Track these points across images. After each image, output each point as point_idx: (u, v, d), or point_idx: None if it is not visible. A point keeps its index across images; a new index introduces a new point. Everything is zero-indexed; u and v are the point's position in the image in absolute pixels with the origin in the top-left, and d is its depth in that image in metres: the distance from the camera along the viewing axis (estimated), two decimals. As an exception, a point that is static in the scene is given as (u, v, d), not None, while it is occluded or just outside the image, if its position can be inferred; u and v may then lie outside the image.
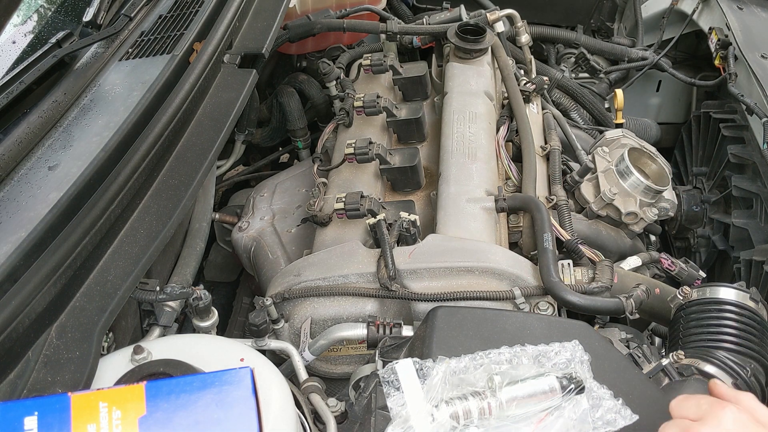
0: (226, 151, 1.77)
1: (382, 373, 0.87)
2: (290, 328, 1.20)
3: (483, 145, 1.45)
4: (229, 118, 1.21)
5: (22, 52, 1.28)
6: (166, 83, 1.16)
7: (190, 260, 1.24)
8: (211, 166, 1.15)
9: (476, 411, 0.83)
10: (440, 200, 1.35)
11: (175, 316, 1.10)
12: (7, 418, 0.69)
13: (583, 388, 0.85)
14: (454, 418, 0.82)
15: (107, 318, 0.89)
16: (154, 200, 1.05)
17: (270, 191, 1.59)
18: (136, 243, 0.99)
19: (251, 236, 1.46)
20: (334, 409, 0.98)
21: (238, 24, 1.41)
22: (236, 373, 0.74)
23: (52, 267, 0.85)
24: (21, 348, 0.82)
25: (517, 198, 1.36)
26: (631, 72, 2.25)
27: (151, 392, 0.72)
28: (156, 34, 1.34)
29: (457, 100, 1.53)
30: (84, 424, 0.69)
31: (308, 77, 1.84)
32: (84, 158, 1.02)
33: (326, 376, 1.26)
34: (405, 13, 2.20)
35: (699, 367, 1.04)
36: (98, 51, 1.33)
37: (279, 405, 0.82)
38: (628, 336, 1.23)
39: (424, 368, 0.87)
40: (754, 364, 1.07)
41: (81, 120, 1.15)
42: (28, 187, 1.00)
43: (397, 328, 1.11)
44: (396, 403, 0.84)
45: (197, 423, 0.70)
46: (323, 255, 1.26)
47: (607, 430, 0.83)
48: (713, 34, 1.91)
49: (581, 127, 1.94)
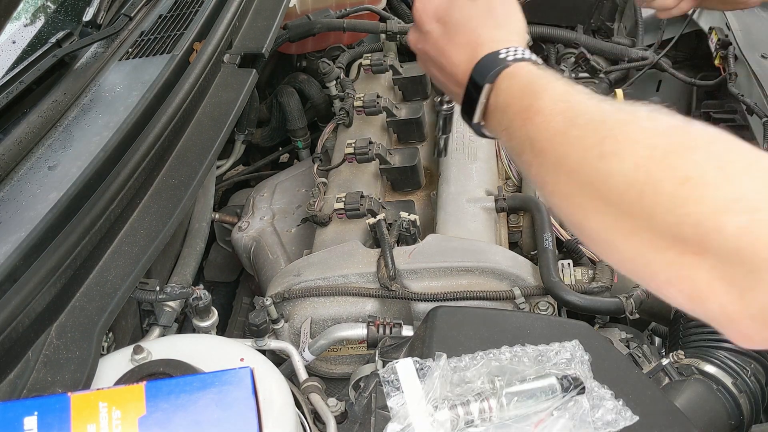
0: (226, 151, 1.77)
1: (382, 373, 0.87)
2: (290, 328, 1.20)
3: (483, 144, 1.45)
4: (229, 118, 1.21)
5: (22, 51, 1.28)
6: (166, 83, 1.16)
7: (189, 260, 1.24)
8: (211, 165, 1.15)
9: (476, 411, 0.83)
10: (440, 200, 1.35)
11: (175, 316, 1.10)
12: (6, 418, 0.69)
13: (583, 389, 0.85)
14: (454, 417, 0.82)
15: (107, 318, 0.89)
16: (153, 200, 1.05)
17: (270, 191, 1.59)
18: (135, 243, 0.99)
19: (251, 236, 1.46)
20: (334, 409, 0.98)
21: (238, 24, 1.41)
22: (236, 373, 0.74)
23: (51, 267, 0.85)
24: (21, 348, 0.82)
25: (517, 198, 1.36)
26: (631, 72, 2.25)
27: (151, 392, 0.72)
28: (156, 33, 1.34)
29: (457, 100, 1.53)
30: (84, 424, 0.69)
31: (308, 77, 1.84)
32: (84, 158, 1.02)
33: (326, 376, 1.26)
34: (405, 12, 2.20)
35: (699, 367, 1.04)
36: (98, 51, 1.33)
37: (279, 405, 0.82)
38: (628, 336, 1.23)
39: (424, 368, 0.87)
40: (754, 364, 1.07)
41: (81, 120, 1.15)
42: (28, 187, 1.00)
43: (397, 328, 1.11)
44: (396, 403, 0.84)
45: (197, 423, 0.70)
46: (323, 255, 1.26)
47: (607, 430, 0.83)
48: (713, 34, 1.91)
49: (581, 126, 1.93)
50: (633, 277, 0.64)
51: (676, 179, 0.56)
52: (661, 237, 0.57)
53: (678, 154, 0.57)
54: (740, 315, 0.55)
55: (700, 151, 0.57)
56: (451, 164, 1.39)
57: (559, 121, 0.66)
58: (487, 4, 0.80)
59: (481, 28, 0.78)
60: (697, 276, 0.56)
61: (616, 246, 0.62)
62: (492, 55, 0.74)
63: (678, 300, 0.60)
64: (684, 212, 0.55)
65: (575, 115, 0.65)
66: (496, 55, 0.74)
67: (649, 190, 0.57)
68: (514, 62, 0.73)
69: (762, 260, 0.52)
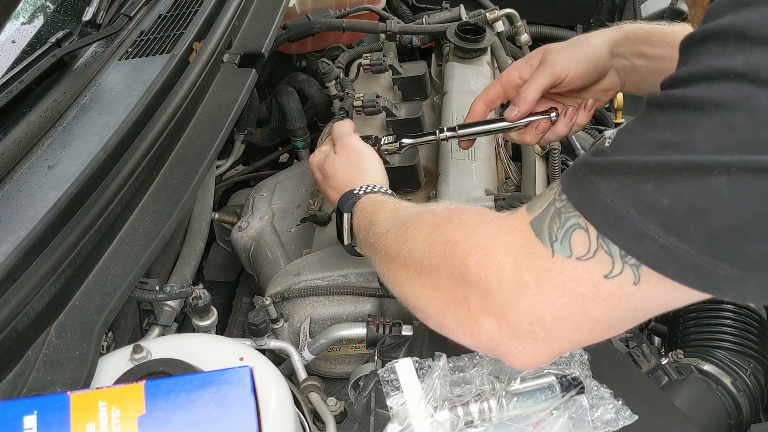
0: (226, 151, 1.77)
1: (381, 373, 0.88)
2: (290, 328, 1.20)
3: (482, 144, 1.45)
4: (229, 118, 1.21)
5: (22, 51, 1.28)
6: (166, 83, 1.16)
7: (189, 260, 1.24)
8: (210, 165, 1.15)
9: (476, 411, 0.83)
10: (439, 200, 1.35)
11: (175, 315, 1.10)
12: (6, 417, 0.69)
13: (582, 388, 0.85)
14: (454, 418, 0.82)
15: (107, 317, 0.89)
16: (153, 199, 1.05)
17: (269, 191, 1.59)
18: (135, 242, 0.99)
19: (251, 236, 1.46)
20: (333, 409, 0.98)
21: (237, 23, 1.41)
22: (235, 372, 0.74)
23: (51, 266, 0.85)
24: (20, 347, 0.82)
25: (517, 197, 1.35)
26: (631, 72, 2.25)
27: (151, 391, 0.72)
28: (155, 33, 1.34)
29: (457, 100, 1.53)
30: (83, 423, 0.69)
31: (308, 77, 1.84)
32: (83, 157, 1.02)
33: (325, 375, 1.26)
34: (404, 12, 2.20)
35: (698, 366, 1.04)
36: (98, 50, 1.33)
37: (278, 404, 0.82)
38: (627, 335, 1.23)
39: (423, 368, 0.87)
40: (754, 364, 1.07)
41: (80, 119, 1.15)
42: (27, 186, 1.00)
43: (397, 327, 1.11)
44: (395, 403, 0.84)
45: (196, 422, 0.70)
46: (323, 254, 1.26)
47: (606, 430, 0.83)
48: (713, 34, 1.90)
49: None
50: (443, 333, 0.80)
51: (443, 242, 0.76)
52: (444, 292, 0.75)
53: (443, 225, 0.79)
54: (503, 337, 0.69)
55: (455, 220, 0.78)
56: (450, 164, 1.39)
57: (384, 226, 0.90)
58: (346, 157, 1.12)
59: (343, 174, 1.10)
60: (470, 317, 0.72)
61: (426, 309, 0.80)
62: (349, 192, 1.03)
63: (467, 341, 0.76)
64: (453, 263, 0.74)
65: (394, 220, 0.89)
66: (351, 192, 1.03)
67: (432, 254, 0.77)
68: (365, 194, 1.02)
69: (493, 282, 0.68)
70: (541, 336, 0.68)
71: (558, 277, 0.65)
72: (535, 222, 0.67)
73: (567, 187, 0.65)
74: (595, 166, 0.61)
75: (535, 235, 0.67)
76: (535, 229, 0.67)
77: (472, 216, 0.77)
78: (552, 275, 0.65)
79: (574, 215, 0.63)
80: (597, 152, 0.63)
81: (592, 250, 0.62)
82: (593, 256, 0.62)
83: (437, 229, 0.79)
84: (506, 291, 0.68)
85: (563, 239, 0.64)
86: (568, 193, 0.65)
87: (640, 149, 0.58)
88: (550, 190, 0.69)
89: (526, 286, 0.67)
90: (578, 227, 0.63)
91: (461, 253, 0.72)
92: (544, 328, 0.68)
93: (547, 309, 0.66)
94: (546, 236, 0.66)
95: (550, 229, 0.65)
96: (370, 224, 0.94)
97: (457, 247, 0.74)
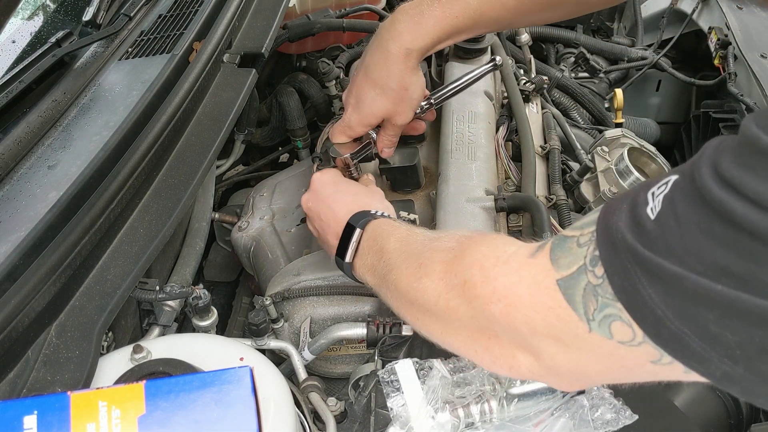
0: (226, 151, 1.76)
1: (381, 374, 0.87)
2: (290, 328, 1.20)
3: (482, 144, 1.44)
4: (229, 118, 1.21)
5: (22, 51, 1.28)
6: (166, 82, 1.16)
7: (189, 260, 1.24)
8: (210, 165, 1.15)
9: (477, 412, 0.83)
10: (440, 200, 1.35)
11: (175, 315, 1.10)
12: (6, 417, 0.69)
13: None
14: (455, 419, 0.82)
15: (107, 317, 0.89)
16: (153, 199, 1.05)
17: (270, 191, 1.59)
18: (135, 242, 0.99)
19: (251, 236, 1.46)
20: (333, 409, 0.98)
21: (237, 23, 1.41)
22: (235, 372, 0.74)
23: (51, 266, 0.85)
24: (20, 347, 0.82)
25: (517, 197, 1.36)
26: (631, 72, 2.25)
27: (151, 391, 0.72)
28: (155, 33, 1.34)
29: (457, 100, 1.53)
30: (83, 423, 0.69)
31: (308, 77, 1.84)
32: (83, 157, 1.02)
33: (326, 375, 1.26)
34: (404, 12, 2.19)
35: (699, 367, 1.04)
36: (98, 50, 1.33)
37: (278, 404, 0.82)
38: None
39: (424, 369, 0.87)
40: (754, 364, 1.07)
41: (80, 119, 1.15)
42: (27, 186, 1.00)
43: (397, 327, 1.11)
44: (396, 404, 0.84)
45: (196, 422, 0.70)
46: (323, 254, 1.26)
47: (606, 430, 0.83)
48: (713, 34, 1.91)
49: (581, 126, 1.93)
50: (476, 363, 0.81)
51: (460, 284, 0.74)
52: (470, 330, 0.74)
53: (456, 263, 0.76)
54: (543, 371, 0.69)
55: (467, 258, 0.75)
56: (450, 164, 1.39)
57: (395, 257, 0.88)
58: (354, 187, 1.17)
59: (361, 196, 1.11)
60: (505, 353, 0.72)
61: (452, 344, 0.79)
62: (364, 212, 1.02)
63: (506, 373, 0.76)
64: (474, 307, 0.72)
65: (406, 254, 0.87)
66: (367, 212, 1.02)
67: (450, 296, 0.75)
68: (381, 217, 1.01)
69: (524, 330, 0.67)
70: (584, 381, 0.73)
71: (599, 351, 0.62)
72: (563, 284, 0.62)
73: (607, 267, 0.58)
74: (643, 261, 0.54)
75: (566, 301, 0.62)
76: (565, 294, 0.62)
77: (485, 252, 0.73)
78: (592, 348, 0.62)
79: (616, 308, 0.58)
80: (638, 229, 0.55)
81: (637, 341, 0.58)
82: (639, 347, 0.58)
83: (452, 268, 0.76)
84: (542, 341, 0.66)
85: (602, 323, 0.59)
86: (609, 275, 0.58)
87: (696, 263, 0.51)
88: (577, 246, 0.62)
89: (564, 345, 0.64)
90: (620, 319, 0.58)
91: (482, 299, 0.70)
92: (587, 377, 0.70)
93: (590, 368, 0.66)
94: (581, 311, 0.61)
95: (585, 306, 0.60)
96: (380, 250, 0.93)
97: (476, 291, 0.71)
